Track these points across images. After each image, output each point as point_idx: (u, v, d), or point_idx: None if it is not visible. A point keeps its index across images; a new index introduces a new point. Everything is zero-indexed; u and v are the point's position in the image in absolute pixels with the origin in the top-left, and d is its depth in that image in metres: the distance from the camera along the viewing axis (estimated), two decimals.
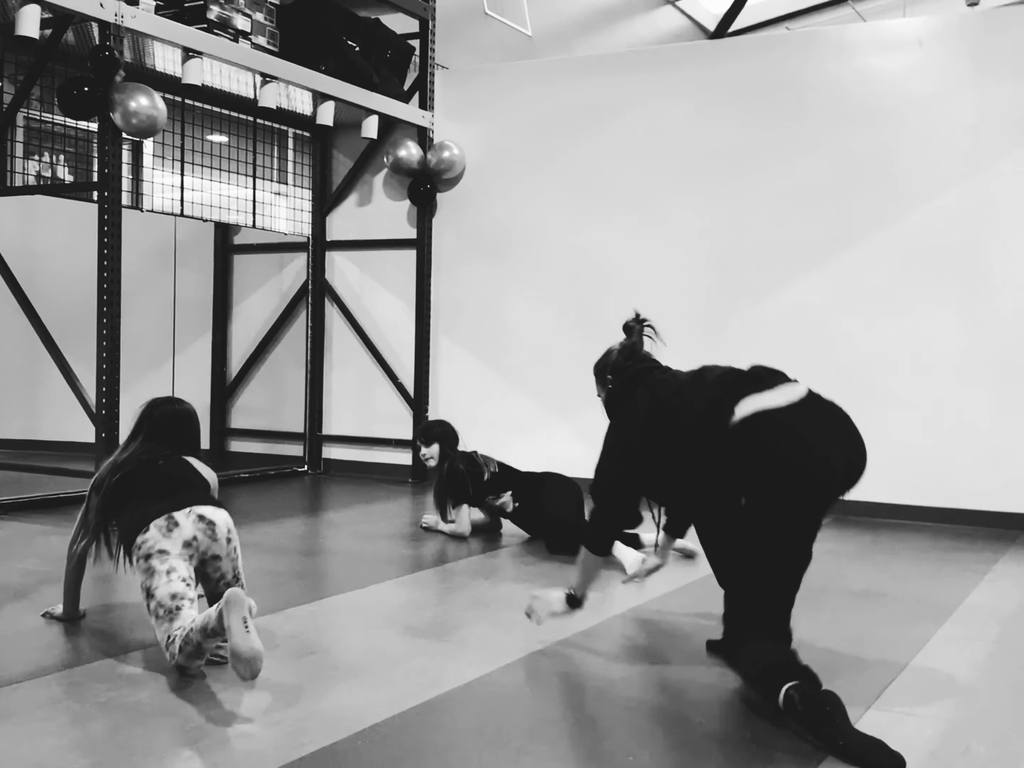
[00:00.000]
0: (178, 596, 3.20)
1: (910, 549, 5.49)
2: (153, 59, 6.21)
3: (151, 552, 3.27)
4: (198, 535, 3.32)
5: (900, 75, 6.38)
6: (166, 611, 3.19)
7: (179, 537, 3.29)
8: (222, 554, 3.37)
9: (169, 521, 3.30)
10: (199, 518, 3.34)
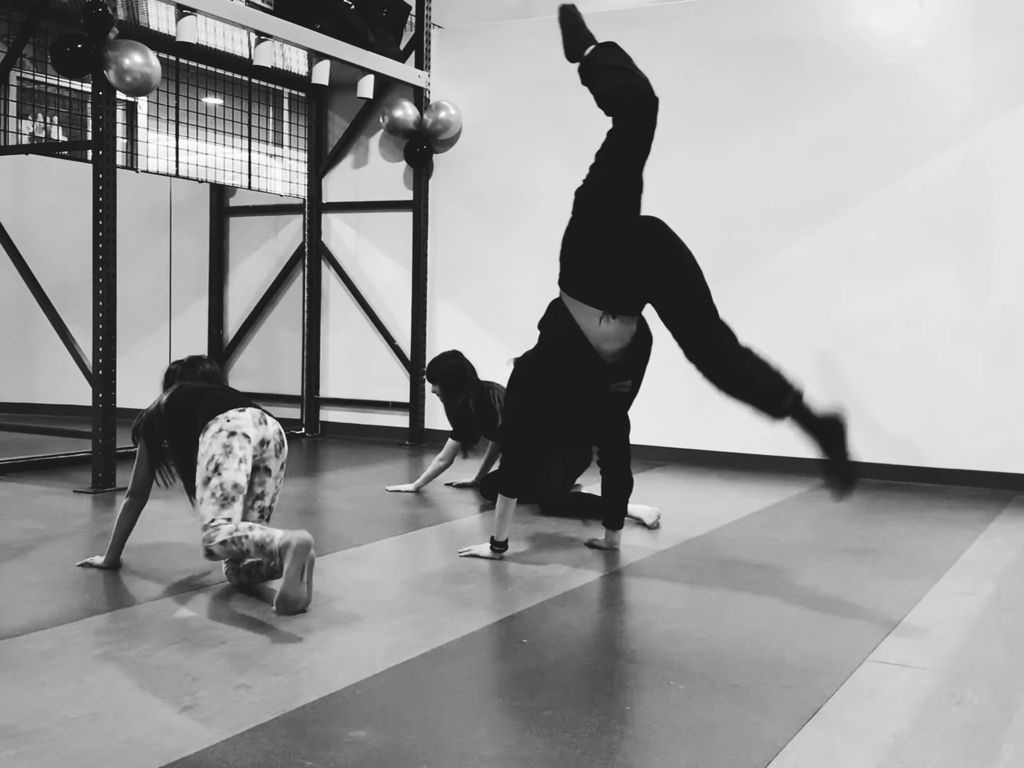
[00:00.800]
0: (239, 488, 3.35)
1: (906, 508, 5.51)
2: (147, 17, 6.15)
3: (237, 431, 3.40)
4: (272, 441, 3.50)
5: (899, 33, 6.33)
6: (223, 496, 3.32)
7: (262, 433, 3.47)
8: (274, 471, 3.55)
9: (262, 415, 3.51)
10: (279, 431, 3.56)
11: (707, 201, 6.80)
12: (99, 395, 5.52)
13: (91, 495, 5.35)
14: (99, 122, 5.45)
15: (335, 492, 5.82)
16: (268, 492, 3.57)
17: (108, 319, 5.52)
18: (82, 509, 5.04)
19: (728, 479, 6.23)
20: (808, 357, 6.48)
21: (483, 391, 5.58)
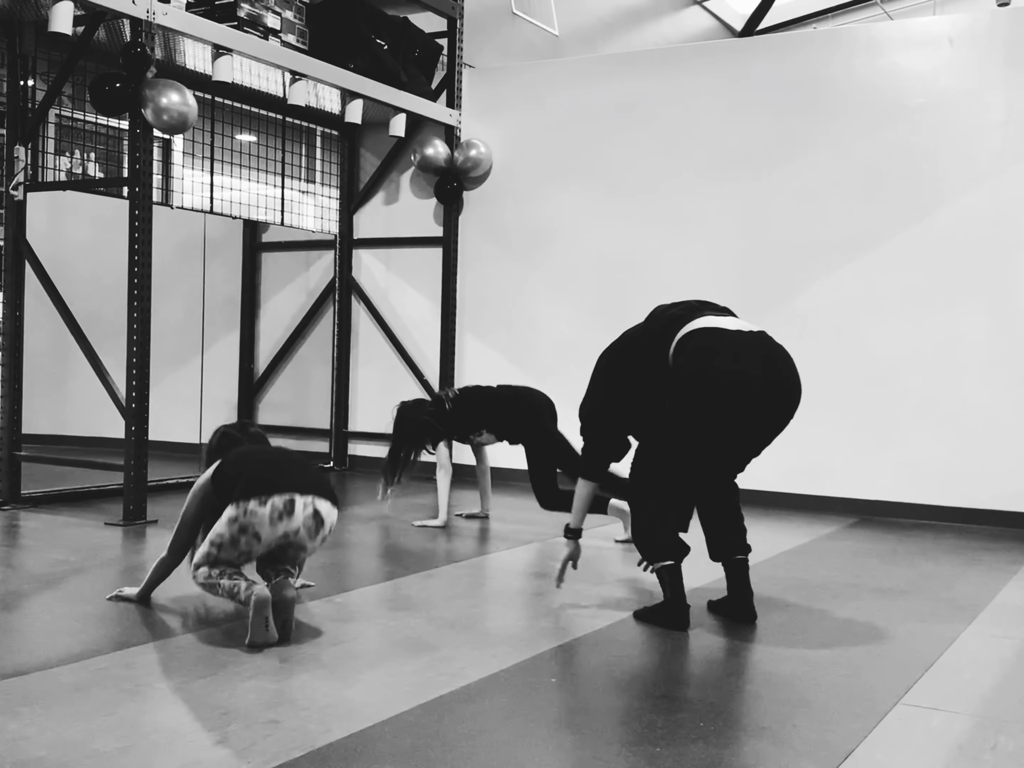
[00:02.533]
0: (237, 576, 3.42)
1: (937, 549, 5.46)
2: (183, 56, 6.26)
3: (246, 528, 3.36)
4: (302, 530, 3.41)
5: (930, 73, 6.35)
6: (221, 571, 3.42)
7: (283, 528, 3.38)
8: (308, 550, 3.52)
9: (287, 505, 3.37)
10: (314, 513, 3.42)
11: (736, 238, 6.81)
12: (131, 427, 5.58)
13: (122, 527, 5.39)
14: (136, 159, 5.54)
15: (362, 526, 5.83)
16: (297, 561, 3.60)
17: (142, 352, 5.58)
18: (113, 541, 5.08)
19: (757, 517, 6.19)
20: (837, 394, 6.46)
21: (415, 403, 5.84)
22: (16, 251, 5.95)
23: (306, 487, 3.43)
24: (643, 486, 3.84)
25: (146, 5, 5.39)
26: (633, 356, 3.76)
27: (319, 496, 3.46)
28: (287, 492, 3.38)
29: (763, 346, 3.66)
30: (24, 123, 5.89)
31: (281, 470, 3.48)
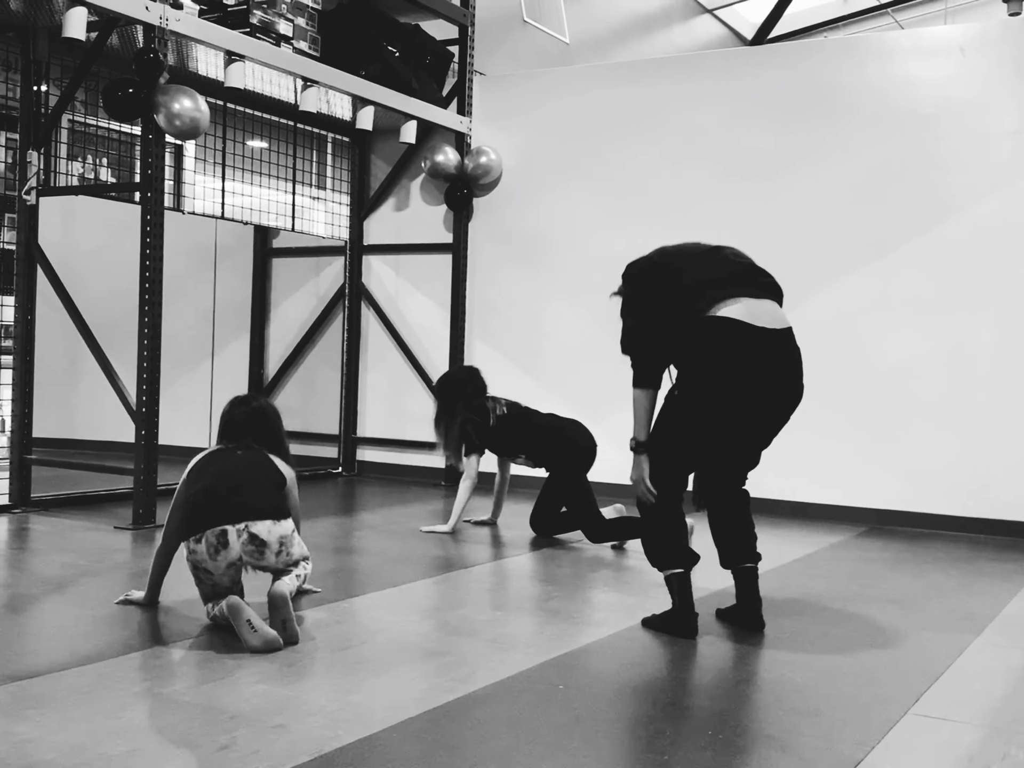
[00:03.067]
0: (222, 588, 3.54)
1: (947, 559, 5.44)
2: (196, 63, 6.28)
3: (198, 565, 3.50)
4: (244, 556, 3.46)
5: (940, 82, 6.34)
6: (212, 596, 3.56)
7: (224, 559, 3.44)
8: (270, 565, 3.53)
9: (219, 540, 3.43)
10: (250, 538, 3.44)
11: (746, 245, 6.78)
12: (141, 431, 5.59)
13: (131, 531, 5.40)
14: (148, 165, 5.56)
15: (370, 531, 5.84)
16: (270, 562, 3.53)
17: (152, 356, 5.60)
18: (122, 545, 5.09)
19: (766, 526, 6.17)
20: (846, 402, 6.45)
21: (476, 407, 5.65)
22: (28, 255, 5.97)
23: (239, 514, 3.44)
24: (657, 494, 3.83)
25: (159, 11, 5.42)
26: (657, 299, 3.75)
27: (254, 519, 3.45)
28: (217, 525, 3.43)
29: (779, 350, 3.73)
30: (37, 128, 5.92)
31: (214, 500, 3.48)
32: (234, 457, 3.67)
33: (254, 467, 3.65)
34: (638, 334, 3.74)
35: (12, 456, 5.96)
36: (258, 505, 3.50)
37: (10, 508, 5.83)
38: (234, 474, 3.58)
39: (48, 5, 5.37)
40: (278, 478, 3.69)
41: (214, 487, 3.54)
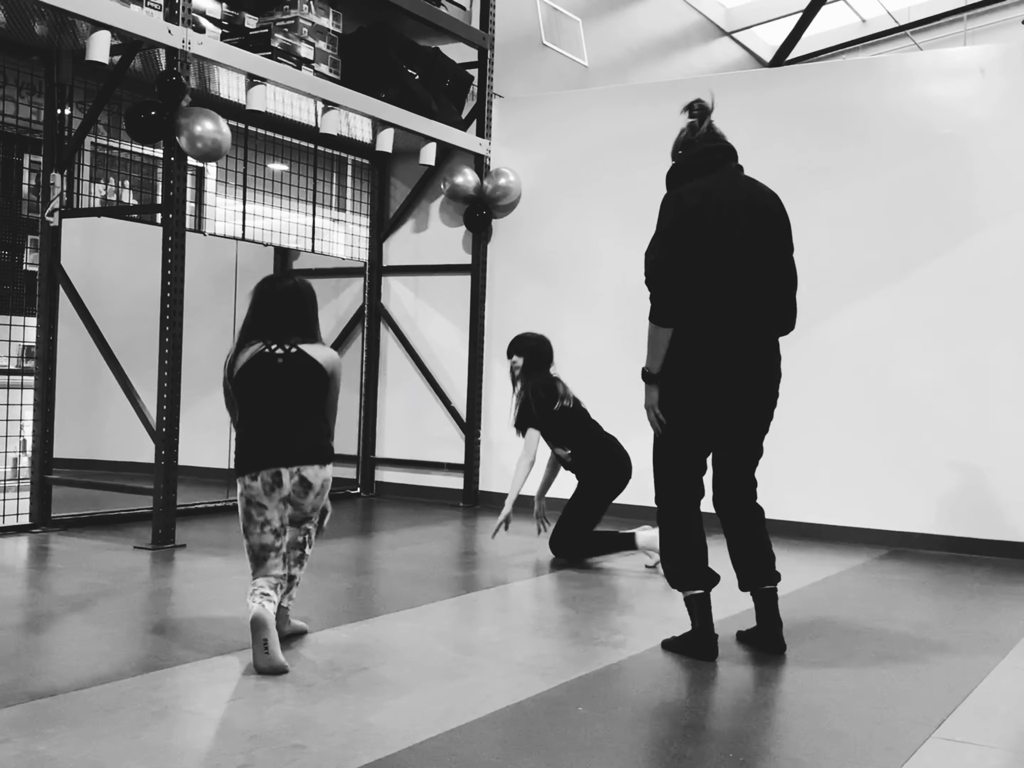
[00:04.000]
0: (267, 548, 3.63)
1: (971, 581, 5.39)
2: (217, 85, 6.34)
3: (251, 500, 3.64)
4: (292, 495, 3.65)
5: (961, 103, 6.33)
6: (254, 556, 3.65)
7: (277, 496, 3.64)
8: (306, 507, 3.70)
9: (275, 479, 3.63)
10: (300, 480, 3.65)
11: None
12: (162, 452, 5.61)
13: (151, 551, 5.41)
14: (170, 186, 5.61)
15: (390, 552, 5.83)
16: (308, 502, 3.70)
17: (173, 377, 5.62)
18: (142, 565, 5.10)
19: (786, 548, 6.13)
20: (866, 424, 6.41)
21: (548, 381, 5.67)
22: (51, 276, 6.02)
23: (292, 459, 3.64)
24: (670, 510, 3.82)
25: (182, 35, 5.48)
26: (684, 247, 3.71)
27: (305, 464, 3.66)
28: (273, 467, 3.62)
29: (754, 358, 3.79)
30: (60, 151, 5.98)
31: (269, 444, 3.66)
32: (278, 373, 3.69)
33: (300, 390, 3.71)
34: (665, 268, 3.70)
35: (33, 476, 5.98)
36: (309, 450, 3.69)
37: (31, 528, 5.85)
38: (285, 409, 3.69)
39: (72, 29, 5.43)
40: (321, 382, 3.74)
41: (268, 429, 3.68)
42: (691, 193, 3.76)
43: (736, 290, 3.71)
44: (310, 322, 3.80)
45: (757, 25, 14.08)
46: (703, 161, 3.87)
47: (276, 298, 3.77)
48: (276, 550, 3.65)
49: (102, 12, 5.13)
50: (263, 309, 3.77)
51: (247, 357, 3.73)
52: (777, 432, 4.03)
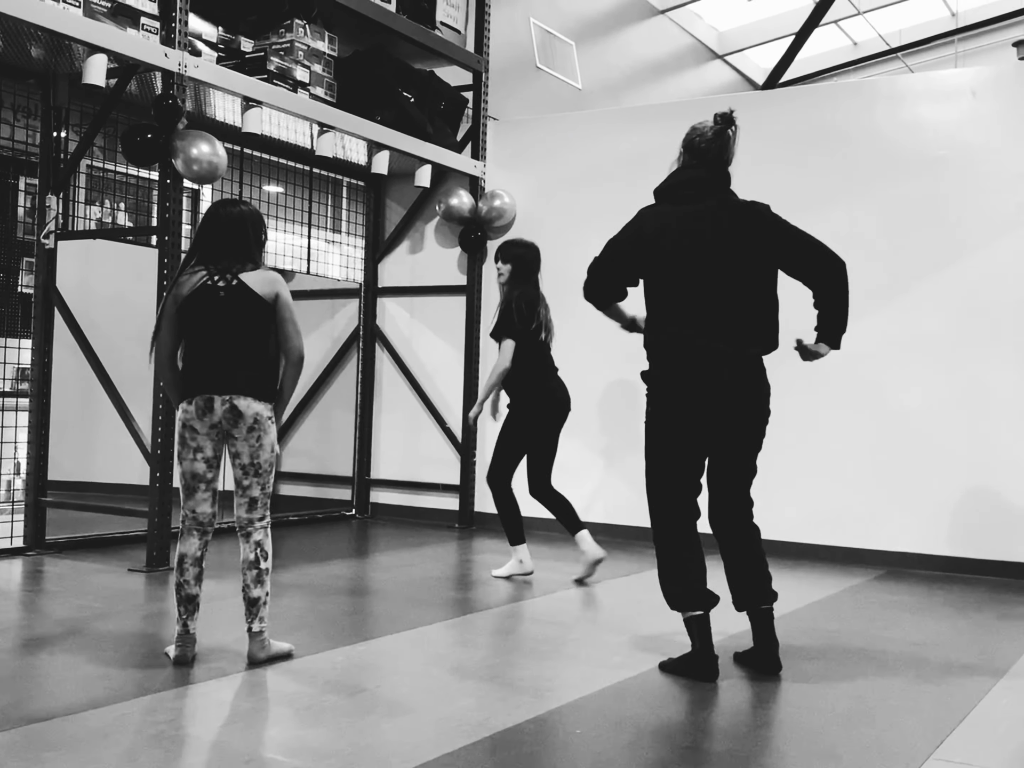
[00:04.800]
0: (197, 477, 3.75)
1: (967, 602, 5.38)
2: (213, 108, 6.36)
3: (185, 423, 3.75)
4: (223, 422, 3.72)
5: (952, 125, 6.37)
6: (185, 485, 3.77)
7: (209, 421, 3.72)
8: (240, 437, 3.72)
9: (207, 403, 3.71)
10: (231, 408, 3.70)
11: None
12: (156, 474, 5.60)
13: (145, 573, 5.39)
14: (165, 209, 5.62)
15: (385, 574, 5.81)
16: (243, 453, 3.75)
17: (167, 399, 5.61)
18: (136, 587, 5.08)
19: (783, 568, 6.12)
20: (862, 444, 6.42)
21: (531, 297, 5.71)
22: (46, 299, 6.02)
23: (224, 387, 3.71)
24: (664, 531, 3.83)
25: (178, 58, 5.50)
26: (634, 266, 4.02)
27: (236, 394, 3.71)
28: (207, 393, 3.72)
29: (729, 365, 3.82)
30: (56, 173, 6.00)
31: (206, 372, 3.74)
32: (219, 306, 3.74)
33: (241, 323, 3.75)
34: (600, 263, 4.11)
35: (27, 498, 5.97)
36: (243, 381, 3.74)
37: (25, 551, 5.83)
38: (226, 341, 3.74)
39: (68, 52, 5.45)
40: (263, 313, 3.77)
41: (208, 359, 3.75)
42: (655, 216, 4.00)
43: (705, 311, 3.79)
44: (251, 246, 3.84)
45: (749, 48, 14.19)
46: (673, 193, 4.05)
47: (221, 223, 3.83)
48: (207, 483, 3.76)
49: (99, 36, 5.15)
50: (209, 234, 3.83)
51: (190, 288, 3.79)
52: (774, 451, 4.04)
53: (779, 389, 4.05)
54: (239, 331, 3.76)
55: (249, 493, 3.78)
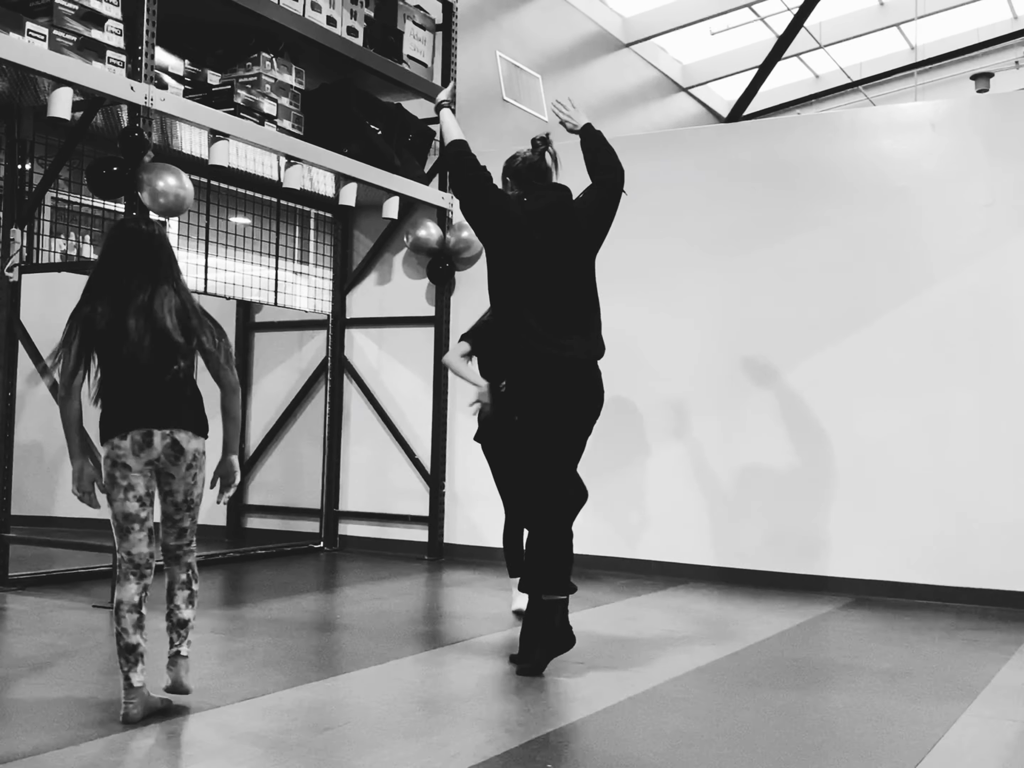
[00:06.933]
0: (131, 518, 3.53)
1: (934, 628, 5.42)
2: (180, 141, 6.35)
3: (116, 461, 3.51)
4: (162, 457, 3.53)
5: (913, 157, 6.47)
6: (119, 527, 3.56)
7: (146, 457, 3.52)
8: (177, 476, 3.58)
9: (145, 438, 3.51)
10: (172, 443, 3.53)
11: (723, 318, 6.87)
12: None
13: (110, 610, 5.32)
14: None
15: (354, 607, 5.77)
16: (177, 491, 3.60)
17: None
18: (101, 624, 5.01)
19: (751, 597, 6.14)
20: (828, 473, 6.47)
21: None
22: (10, 332, 5.96)
23: (164, 421, 3.53)
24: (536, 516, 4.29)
25: (144, 91, 5.50)
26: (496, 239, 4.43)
27: (177, 428, 3.55)
28: (144, 426, 3.52)
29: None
30: (20, 206, 5.96)
31: (141, 405, 3.53)
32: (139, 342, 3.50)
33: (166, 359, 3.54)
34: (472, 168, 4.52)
35: None
36: (183, 416, 3.58)
37: None
38: (154, 375, 3.53)
39: (34, 86, 5.43)
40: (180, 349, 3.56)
41: (138, 392, 3.53)
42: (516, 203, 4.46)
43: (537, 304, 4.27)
44: (162, 267, 3.66)
45: (713, 81, 14.36)
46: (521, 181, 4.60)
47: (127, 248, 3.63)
48: (141, 522, 3.54)
49: (64, 69, 5.14)
50: (115, 260, 3.62)
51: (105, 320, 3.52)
52: (741, 478, 4.06)
53: (745, 418, 4.07)
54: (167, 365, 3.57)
55: (179, 525, 3.67)
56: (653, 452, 6.90)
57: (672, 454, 6.82)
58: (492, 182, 4.44)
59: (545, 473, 4.28)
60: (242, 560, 7.29)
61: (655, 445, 6.90)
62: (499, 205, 4.37)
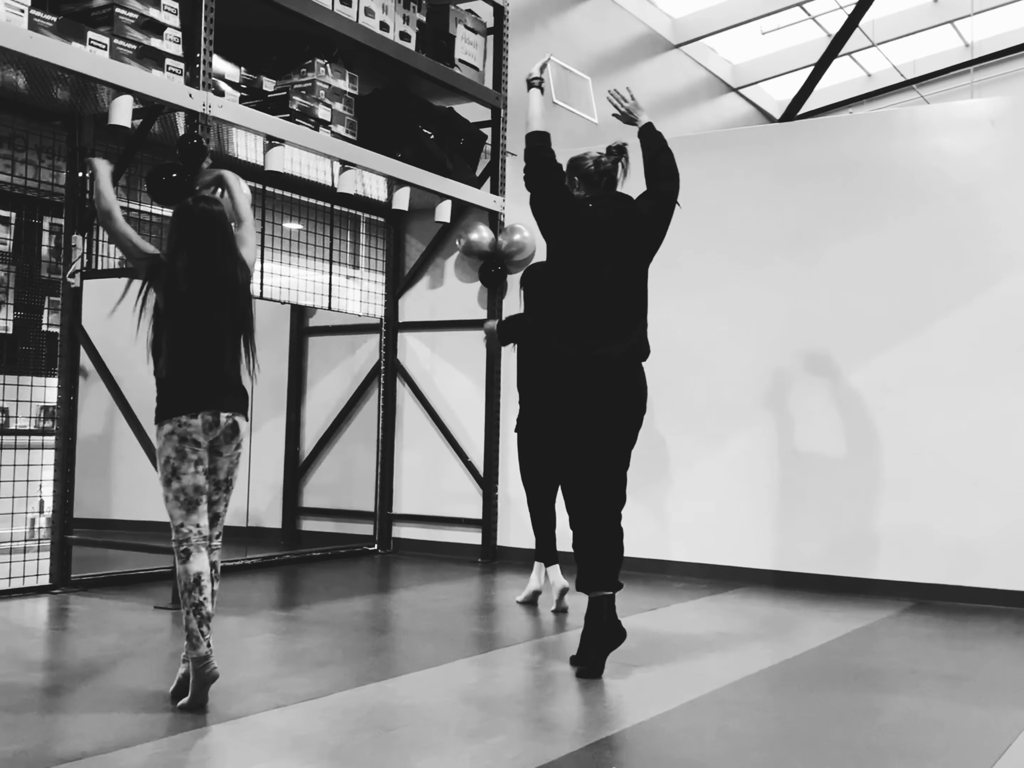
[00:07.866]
0: (200, 490, 3.69)
1: (1000, 633, 5.32)
2: (236, 147, 6.42)
3: (186, 437, 3.67)
4: (221, 436, 3.74)
5: (972, 154, 6.38)
6: (187, 500, 3.67)
7: (211, 435, 3.71)
8: (225, 454, 3.78)
9: (215, 417, 3.71)
10: (232, 425, 3.76)
11: (781, 320, 6.81)
12: None
13: (171, 611, 5.38)
14: None
15: (409, 610, 5.79)
16: (222, 467, 3.78)
17: None
18: (162, 625, 5.07)
19: (810, 601, 6.07)
20: (889, 475, 6.38)
21: None
22: (71, 337, 6.06)
23: (225, 404, 3.75)
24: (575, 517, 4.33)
25: (202, 98, 5.56)
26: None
27: (236, 411, 3.78)
28: (217, 409, 3.72)
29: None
30: (81, 213, 6.05)
31: (212, 389, 3.75)
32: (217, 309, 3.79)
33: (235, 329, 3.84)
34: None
35: (53, 536, 5.97)
36: (240, 401, 3.83)
37: (50, 588, 5.83)
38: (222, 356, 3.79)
39: (94, 94, 5.52)
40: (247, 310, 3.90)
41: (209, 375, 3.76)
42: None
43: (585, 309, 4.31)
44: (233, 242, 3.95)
45: (763, 81, 14.25)
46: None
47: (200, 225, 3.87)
48: (207, 495, 3.72)
49: (125, 77, 5.22)
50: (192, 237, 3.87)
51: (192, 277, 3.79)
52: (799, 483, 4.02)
53: (803, 418, 4.03)
54: (236, 340, 3.85)
55: (215, 508, 3.79)
56: (707, 454, 6.85)
57: (727, 456, 6.78)
58: (565, 184, 4.48)
59: (580, 473, 4.28)
60: (298, 562, 7.35)
61: (710, 447, 6.86)
62: (571, 212, 4.39)
